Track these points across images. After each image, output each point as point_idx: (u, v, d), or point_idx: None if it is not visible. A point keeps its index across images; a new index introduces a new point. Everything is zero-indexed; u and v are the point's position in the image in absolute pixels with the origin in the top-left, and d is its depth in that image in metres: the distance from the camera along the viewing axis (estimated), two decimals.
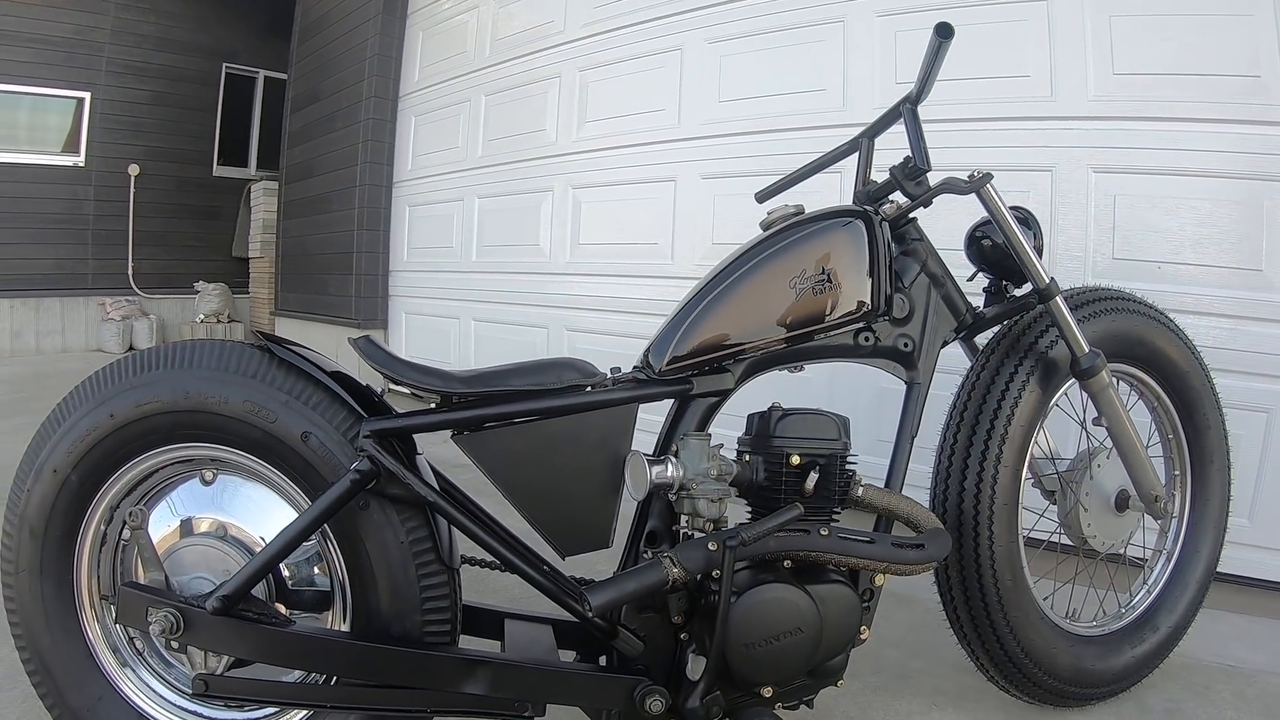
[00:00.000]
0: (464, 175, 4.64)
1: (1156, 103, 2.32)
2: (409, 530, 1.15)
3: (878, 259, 1.33)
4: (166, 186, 7.35)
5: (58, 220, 6.73)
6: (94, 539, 1.24)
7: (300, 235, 6.07)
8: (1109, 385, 1.52)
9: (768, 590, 1.16)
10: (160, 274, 7.35)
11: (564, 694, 1.18)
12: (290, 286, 6.30)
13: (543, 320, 4.08)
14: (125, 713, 1.24)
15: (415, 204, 5.08)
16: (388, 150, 5.20)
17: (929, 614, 2.08)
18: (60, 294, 6.79)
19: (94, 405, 1.19)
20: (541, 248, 4.12)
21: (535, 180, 4.15)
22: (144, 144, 7.16)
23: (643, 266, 3.59)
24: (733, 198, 3.24)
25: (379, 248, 5.21)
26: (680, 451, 1.19)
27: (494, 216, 4.46)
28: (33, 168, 6.56)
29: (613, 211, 3.76)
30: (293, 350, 1.18)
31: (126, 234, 7.12)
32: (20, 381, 5.25)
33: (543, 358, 1.22)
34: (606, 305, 3.75)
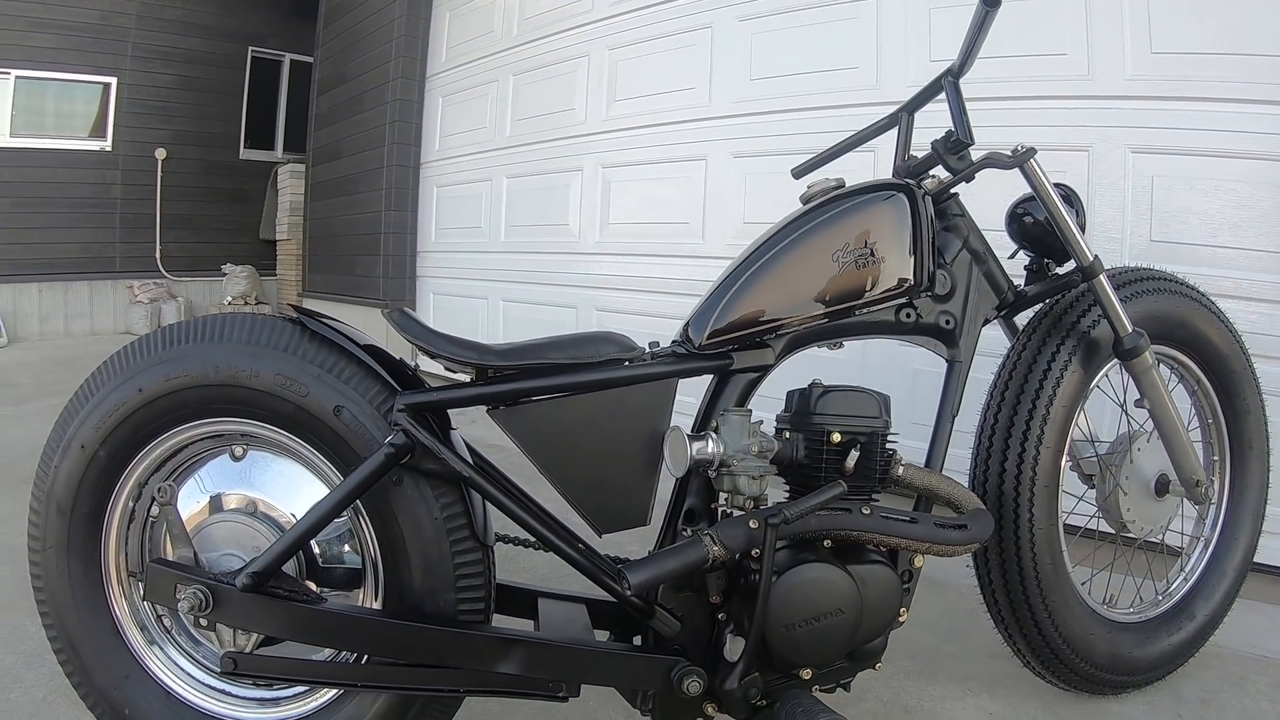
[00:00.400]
0: (492, 155, 4.62)
1: (1195, 82, 2.26)
2: (443, 506, 1.12)
3: (920, 234, 1.30)
4: (193, 170, 7.39)
5: (86, 204, 6.78)
6: (122, 515, 1.23)
7: (328, 217, 6.09)
8: (1152, 366, 1.49)
9: (809, 570, 1.13)
10: (188, 257, 7.40)
11: (600, 674, 1.16)
12: (318, 268, 6.32)
13: (572, 300, 4.07)
14: (152, 691, 1.23)
15: (443, 184, 5.07)
16: (415, 131, 5.19)
17: (961, 598, 2.06)
18: (88, 277, 6.85)
19: (122, 380, 1.17)
20: (571, 227, 4.10)
21: (564, 160, 4.13)
22: (171, 128, 7.19)
23: (673, 246, 3.57)
24: (764, 177, 3.21)
25: (406, 228, 5.21)
26: (720, 427, 1.16)
27: (522, 196, 4.45)
28: (60, 153, 6.60)
29: (643, 191, 3.74)
30: (325, 323, 1.16)
31: (154, 217, 7.17)
32: (49, 364, 5.30)
33: (580, 331, 1.19)
34: (636, 285, 3.73)
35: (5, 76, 6.31)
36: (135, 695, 1.22)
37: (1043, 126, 2.44)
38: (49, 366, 5.22)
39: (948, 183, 1.41)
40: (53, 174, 6.54)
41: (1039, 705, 1.57)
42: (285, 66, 8.02)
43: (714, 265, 3.34)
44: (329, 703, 1.21)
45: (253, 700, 1.26)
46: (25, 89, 6.39)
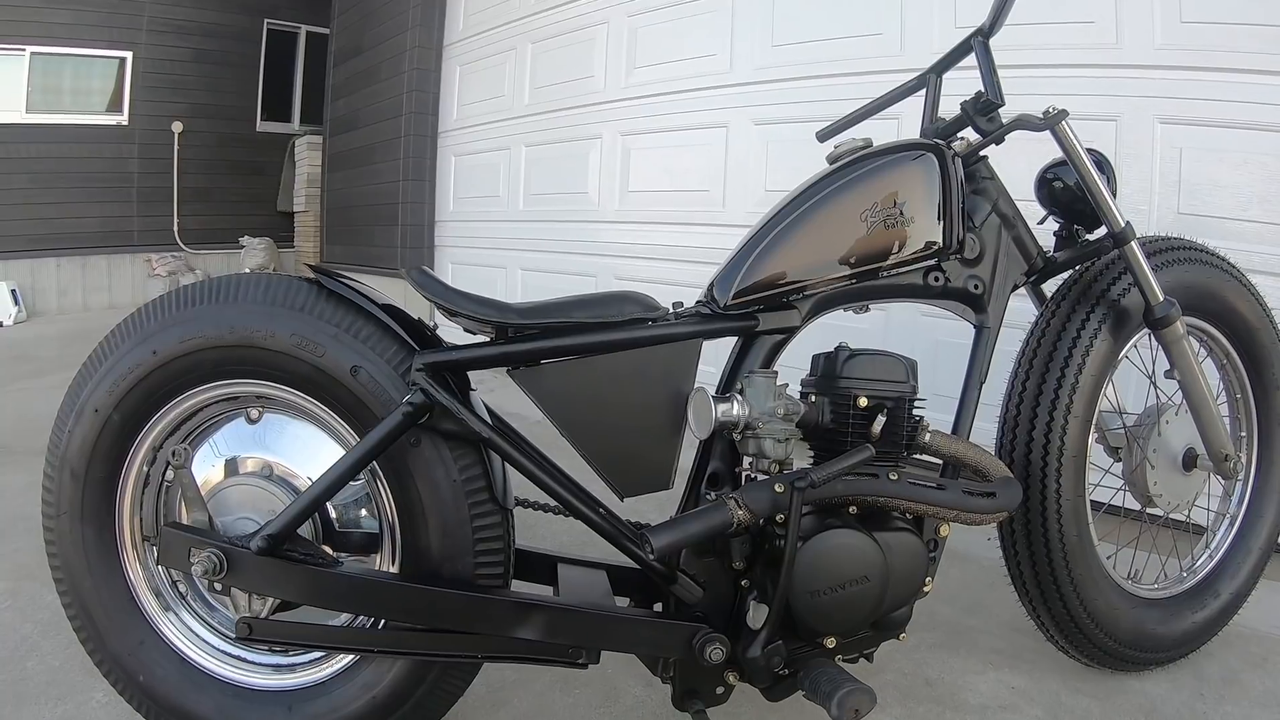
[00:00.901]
0: (510, 124, 4.59)
1: (1225, 53, 2.20)
2: (462, 468, 1.10)
3: (950, 195, 1.26)
4: (210, 143, 7.39)
5: (103, 179, 6.79)
6: (136, 480, 1.21)
7: (345, 188, 6.08)
8: (1183, 336, 1.45)
9: (835, 536, 1.10)
10: (205, 230, 7.41)
11: (621, 640, 1.14)
12: (336, 239, 6.32)
13: (591, 269, 4.05)
14: (167, 657, 1.22)
15: (461, 154, 5.04)
16: (432, 100, 5.16)
17: (983, 571, 2.04)
18: (106, 251, 6.87)
19: (136, 342, 1.15)
20: (590, 196, 4.08)
21: (583, 128, 4.09)
22: (187, 101, 7.19)
23: (693, 214, 3.54)
24: (786, 144, 3.17)
25: (424, 198, 5.20)
26: (746, 389, 1.13)
27: (541, 165, 4.42)
28: (77, 128, 6.60)
29: (663, 159, 3.71)
30: (343, 282, 1.13)
31: (171, 191, 7.18)
32: (68, 338, 5.32)
33: (602, 291, 1.16)
34: (656, 253, 3.71)
35: (20, 53, 6.30)
36: (150, 662, 1.21)
37: (1070, 95, 2.34)
38: (68, 340, 5.23)
39: (977, 144, 1.37)
40: (70, 149, 6.54)
41: (1060, 681, 1.55)
42: (301, 38, 8.00)
43: (734, 233, 3.29)
44: (345, 668, 1.20)
45: (268, 666, 1.25)
46: (41, 65, 6.38)
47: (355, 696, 1.16)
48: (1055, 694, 1.51)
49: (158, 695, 1.20)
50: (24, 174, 6.32)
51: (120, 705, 1.31)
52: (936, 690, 1.52)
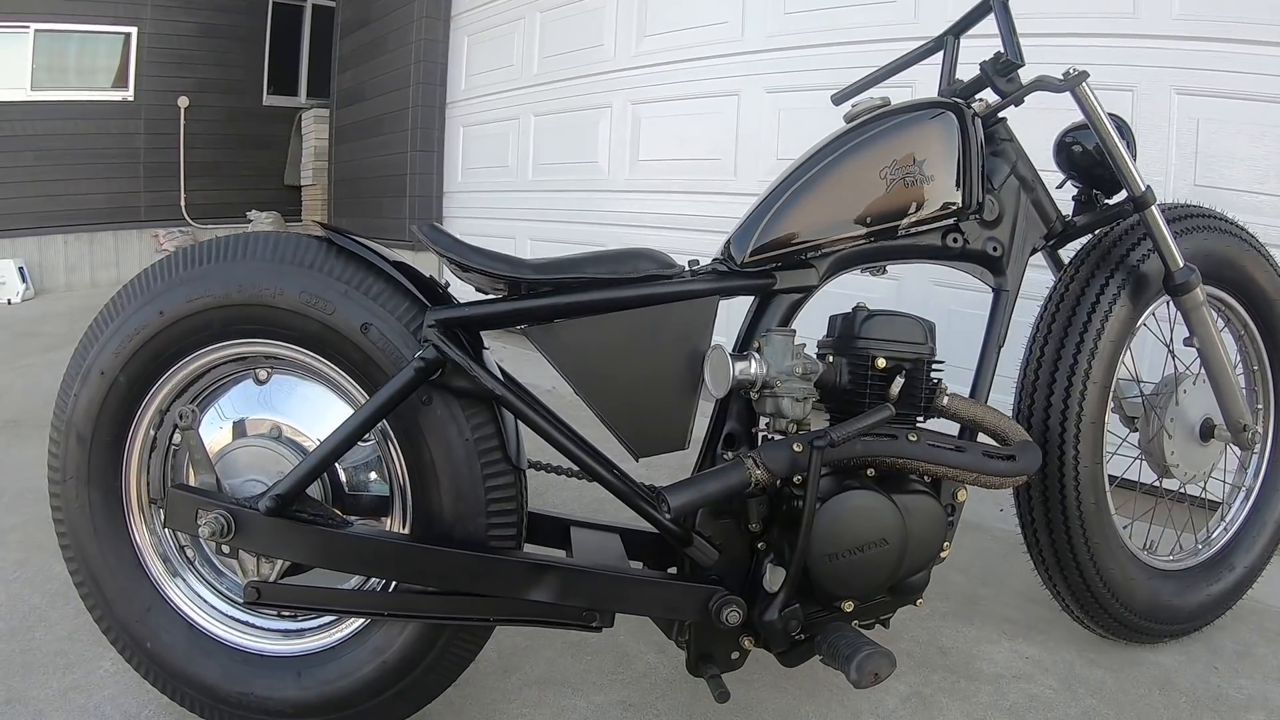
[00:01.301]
0: (519, 93, 4.57)
1: (1243, 24, 2.16)
2: (474, 427, 1.08)
3: (970, 155, 1.23)
4: (217, 118, 7.34)
5: (109, 155, 6.74)
6: (143, 443, 1.19)
7: (353, 160, 6.06)
8: (1202, 304, 1.43)
9: (854, 497, 1.08)
10: (212, 204, 7.36)
11: (636, 603, 1.12)
12: (344, 212, 6.31)
13: (601, 238, 4.02)
14: (175, 623, 1.20)
15: (469, 124, 5.02)
16: (440, 71, 5.12)
17: (996, 540, 2.04)
18: (114, 227, 6.84)
19: (143, 303, 1.13)
20: (600, 165, 4.05)
21: (593, 96, 4.06)
22: (193, 76, 7.13)
23: (704, 183, 3.52)
24: (798, 113, 3.14)
25: (433, 169, 5.19)
26: (763, 347, 1.11)
27: (550, 134, 4.39)
28: (83, 104, 6.55)
29: (673, 127, 3.67)
30: (353, 239, 1.11)
31: (178, 166, 7.14)
32: (76, 314, 5.29)
33: (618, 247, 1.14)
34: (667, 223, 3.69)
35: (25, 30, 6.24)
36: (157, 628, 1.19)
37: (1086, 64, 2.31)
38: (76, 316, 5.20)
39: (996, 105, 1.34)
40: (75, 126, 6.50)
41: (1074, 651, 1.54)
42: (307, 11, 7.93)
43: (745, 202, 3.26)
44: (355, 633, 1.18)
45: (277, 631, 1.23)
46: (46, 42, 6.33)
47: (365, 661, 1.15)
48: (1070, 664, 1.50)
49: (165, 662, 1.19)
50: (30, 151, 6.28)
51: (128, 674, 1.31)
52: (951, 659, 1.51)
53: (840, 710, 1.34)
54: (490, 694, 1.34)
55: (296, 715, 1.16)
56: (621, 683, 1.40)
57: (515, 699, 1.34)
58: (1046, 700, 1.38)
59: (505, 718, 1.29)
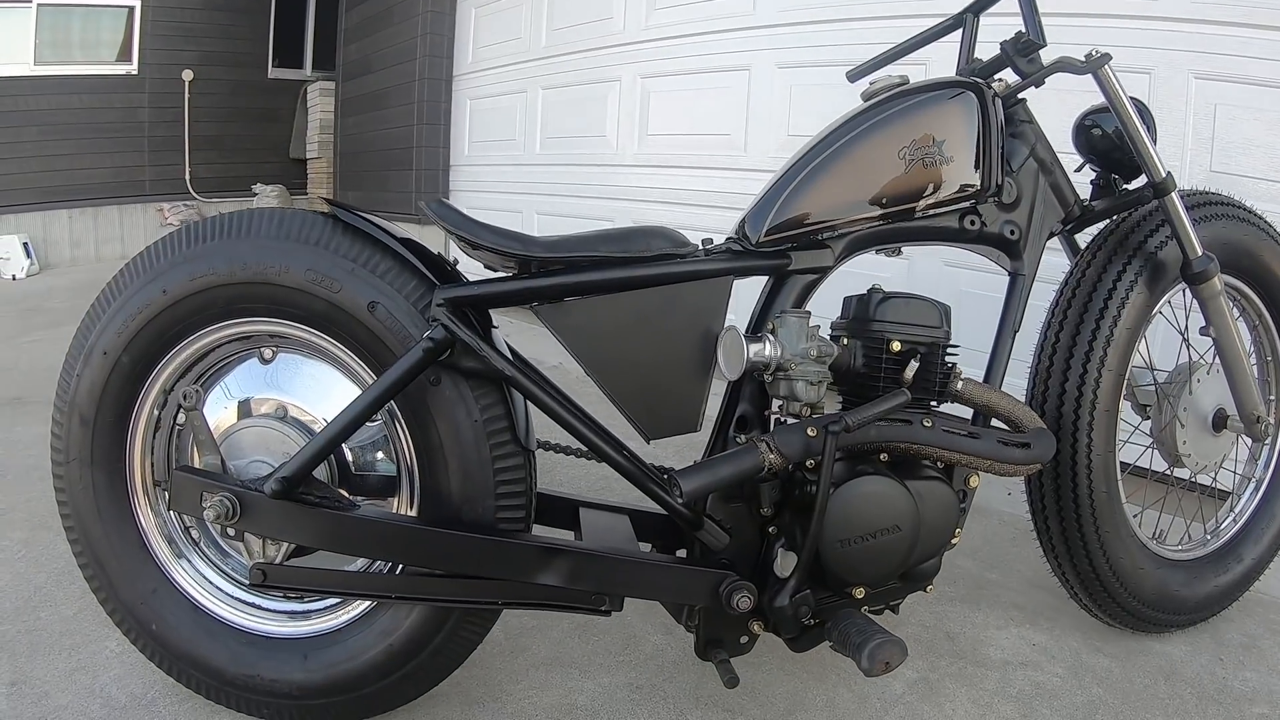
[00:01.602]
0: (527, 66, 4.52)
1: (1264, 9, 2.12)
2: (483, 408, 1.06)
3: (990, 136, 1.21)
4: (221, 91, 7.27)
5: (114, 129, 6.68)
6: (147, 424, 1.18)
7: (359, 133, 6.02)
8: (1220, 293, 1.41)
9: (867, 483, 1.07)
10: (217, 178, 7.32)
11: (646, 587, 1.11)
12: (349, 185, 6.27)
13: (609, 213, 3.99)
14: (180, 605, 1.19)
15: (476, 97, 4.97)
16: (447, 43, 5.08)
17: (1004, 525, 2.03)
18: (118, 202, 6.78)
19: (145, 281, 1.11)
20: (608, 139, 4.01)
21: (602, 70, 4.02)
22: (197, 49, 7.06)
23: (714, 158, 3.48)
24: (810, 89, 3.09)
25: (439, 142, 5.15)
26: (778, 329, 1.10)
27: (558, 108, 4.35)
28: (86, 79, 6.49)
29: (683, 102, 3.63)
30: (359, 215, 1.09)
31: (182, 140, 7.08)
32: (81, 289, 5.27)
33: (630, 225, 1.12)
34: (675, 198, 3.65)
35: (27, 5, 6.18)
36: (162, 610, 1.19)
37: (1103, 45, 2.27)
38: (80, 291, 5.19)
39: (1016, 86, 1.32)
40: (79, 100, 6.44)
41: (1081, 639, 1.53)
42: None
43: (756, 178, 3.25)
44: (361, 615, 1.17)
45: (282, 613, 1.22)
46: (49, 16, 6.26)
47: (372, 644, 1.14)
48: (1076, 652, 1.49)
49: (170, 644, 1.18)
50: (34, 126, 6.23)
51: (134, 655, 1.30)
52: (958, 644, 1.50)
53: (847, 694, 1.33)
54: (497, 675, 1.34)
55: (303, 697, 1.15)
56: (629, 664, 1.39)
57: (522, 680, 1.33)
58: (1053, 688, 1.38)
59: (512, 699, 1.28)
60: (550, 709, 1.27)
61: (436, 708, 1.25)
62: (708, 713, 1.27)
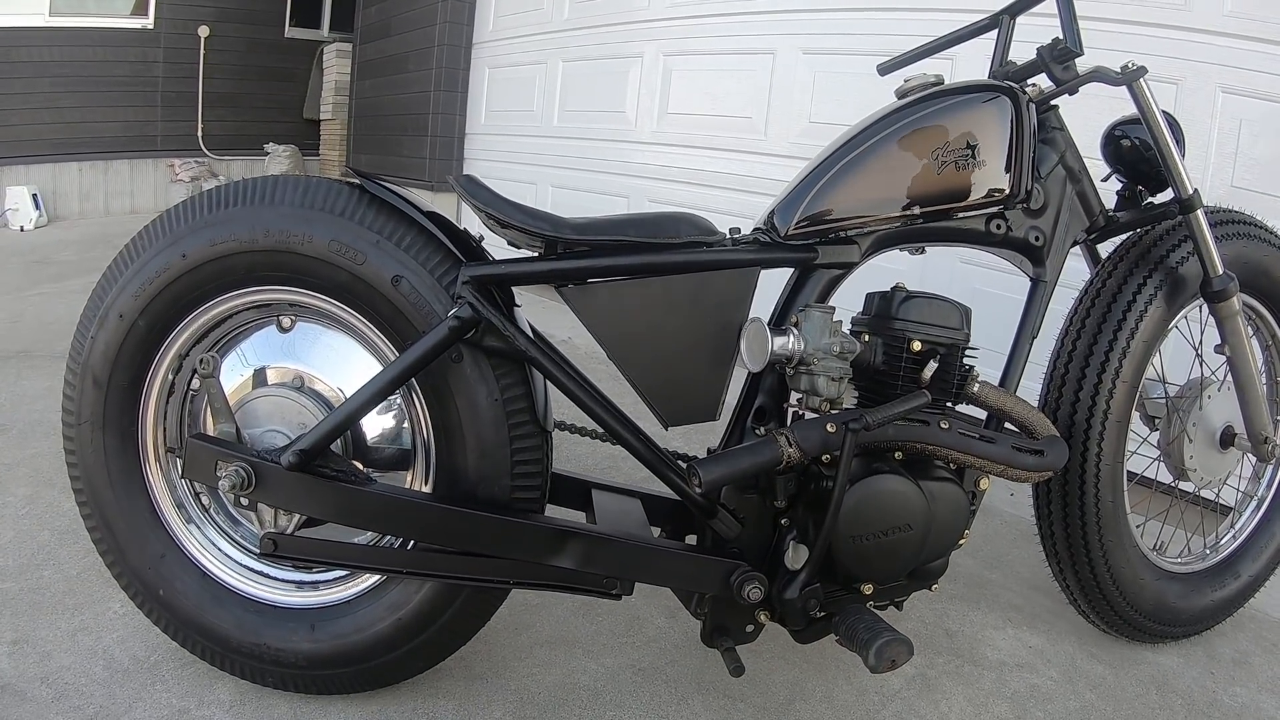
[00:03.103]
0: (548, 37, 4.46)
1: None
2: (504, 387, 1.07)
3: (1022, 141, 1.20)
4: (237, 48, 7.19)
5: (126, 83, 6.61)
6: (161, 388, 1.18)
7: (374, 96, 5.96)
8: (1238, 312, 1.41)
9: (882, 481, 1.08)
10: (230, 136, 7.26)
11: (658, 573, 1.12)
12: (362, 148, 6.21)
13: (624, 189, 3.97)
14: (188, 571, 1.19)
15: (495, 65, 4.92)
16: (468, 10, 5.02)
17: (1005, 525, 2.05)
18: (129, 156, 6.72)
19: (165, 245, 1.10)
20: (627, 115, 3.97)
21: (624, 45, 3.97)
22: (214, 5, 6.97)
23: (733, 141, 3.45)
24: (835, 76, 3.07)
25: (456, 109, 5.10)
26: (802, 323, 1.09)
27: (578, 81, 4.31)
28: (101, 31, 6.40)
29: (705, 82, 3.59)
30: (387, 187, 1.08)
31: (196, 96, 7.01)
32: (89, 242, 5.25)
33: (658, 210, 1.11)
34: (692, 178, 3.63)
35: None
36: (170, 576, 1.19)
37: (1132, 53, 2.25)
38: (89, 244, 5.17)
39: (1050, 93, 1.31)
40: (93, 53, 6.36)
41: (1076, 644, 1.55)
42: None
43: (774, 163, 3.25)
44: (371, 588, 1.18)
45: (291, 583, 1.22)
46: None
47: (381, 617, 1.15)
48: (1071, 657, 1.51)
49: (177, 609, 1.18)
50: (46, 78, 6.15)
51: (137, 616, 1.31)
52: (956, 643, 1.52)
53: (846, 686, 1.35)
54: (501, 651, 1.35)
55: (309, 667, 1.16)
56: (632, 646, 1.40)
57: (526, 658, 1.34)
58: (1047, 691, 1.39)
59: (515, 676, 1.29)
60: (553, 687, 1.28)
61: (440, 682, 1.26)
62: (709, 698, 1.29)
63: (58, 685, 1.17)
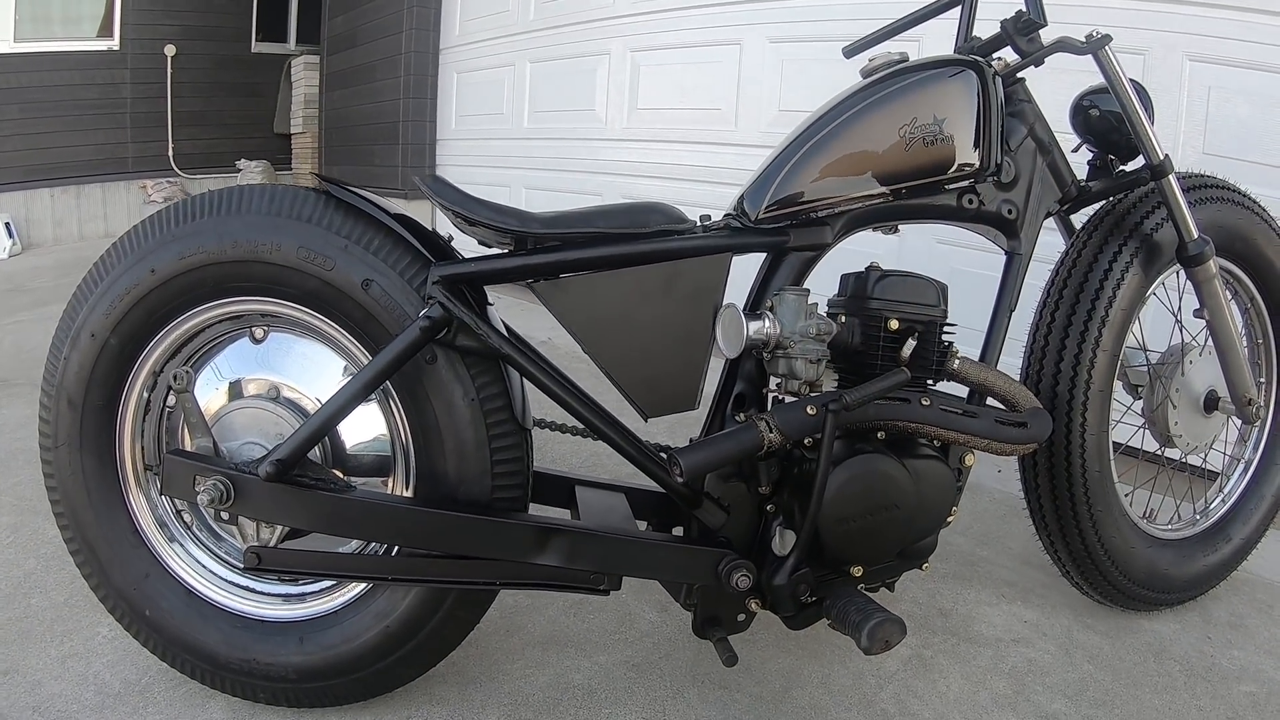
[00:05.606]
0: (515, 39, 4.47)
1: None
2: (480, 387, 1.06)
3: (990, 115, 1.20)
4: (204, 65, 7.15)
5: (95, 106, 6.57)
6: (136, 406, 1.16)
7: (344, 107, 5.97)
8: (1215, 276, 1.41)
9: (867, 461, 1.07)
10: (201, 154, 7.22)
11: (645, 566, 1.11)
12: (335, 160, 6.22)
13: (597, 187, 3.97)
14: (173, 589, 1.18)
15: (464, 70, 4.93)
16: (434, 16, 5.03)
17: (994, 502, 2.06)
18: (101, 179, 6.68)
19: (133, 261, 1.09)
20: (597, 113, 3.98)
21: (591, 43, 3.98)
22: (179, 23, 6.92)
23: (704, 133, 3.46)
24: (802, 63, 3.08)
25: (426, 116, 5.12)
26: (777, 307, 1.09)
27: (547, 81, 4.32)
28: (67, 55, 6.35)
29: (673, 76, 3.60)
30: (352, 191, 1.07)
31: (166, 115, 6.97)
32: (65, 268, 5.18)
33: (627, 201, 1.10)
34: (665, 172, 3.64)
35: None
36: (155, 594, 1.17)
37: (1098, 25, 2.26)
38: (64, 270, 5.11)
39: (1015, 65, 1.31)
40: (60, 77, 6.31)
41: (1071, 616, 1.55)
42: None
43: (746, 153, 3.26)
44: (357, 598, 1.16)
45: (277, 596, 1.21)
46: None
47: (368, 626, 1.13)
48: (1067, 629, 1.51)
49: (164, 629, 1.17)
50: (14, 104, 6.10)
51: (126, 640, 1.28)
52: (951, 621, 1.51)
53: (843, 671, 1.34)
54: (493, 654, 1.34)
55: (300, 680, 1.14)
56: (625, 642, 1.40)
57: (519, 659, 1.33)
58: (1044, 665, 1.39)
59: (509, 678, 1.28)
60: (547, 688, 1.27)
61: (434, 688, 1.24)
62: (705, 690, 1.28)
63: (50, 713, 1.16)
